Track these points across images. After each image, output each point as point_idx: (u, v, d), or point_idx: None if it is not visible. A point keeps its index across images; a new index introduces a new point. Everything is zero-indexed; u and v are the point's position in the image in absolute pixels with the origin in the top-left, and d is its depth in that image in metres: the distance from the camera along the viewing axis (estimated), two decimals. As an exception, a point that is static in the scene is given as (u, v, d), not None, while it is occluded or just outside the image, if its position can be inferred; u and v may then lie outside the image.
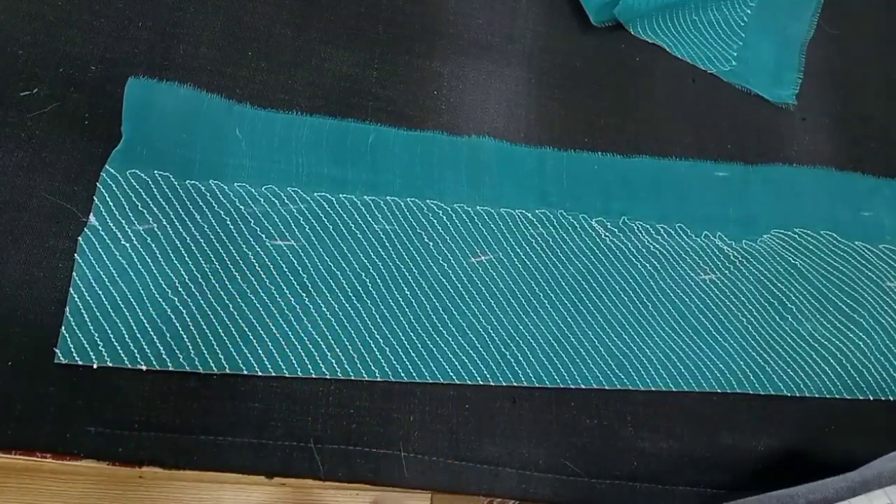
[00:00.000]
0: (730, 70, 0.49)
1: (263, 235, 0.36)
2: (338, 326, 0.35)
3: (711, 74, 0.49)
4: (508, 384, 0.36)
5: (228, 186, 0.37)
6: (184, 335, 0.32)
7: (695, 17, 0.50)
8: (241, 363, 0.33)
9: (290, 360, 0.33)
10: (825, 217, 0.46)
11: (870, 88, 0.53)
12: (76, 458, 0.30)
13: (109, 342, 0.31)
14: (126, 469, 0.31)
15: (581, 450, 0.36)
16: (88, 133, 0.36)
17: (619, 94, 0.47)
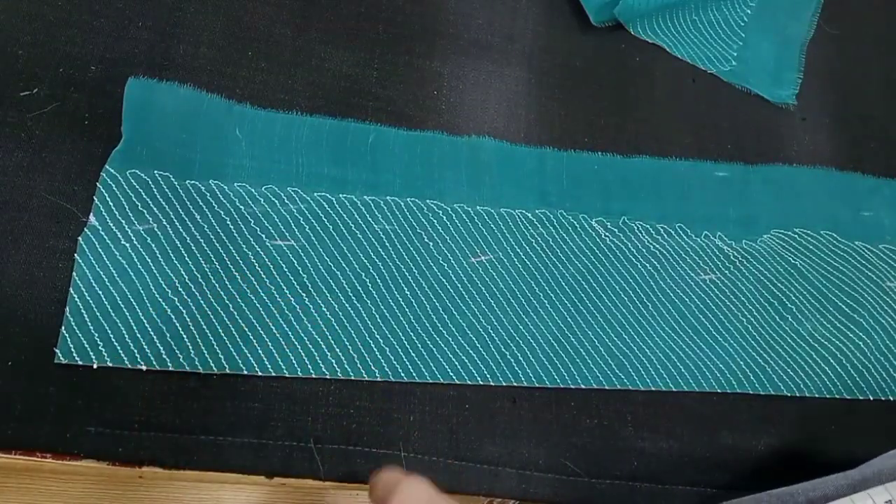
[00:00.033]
0: (730, 70, 0.49)
1: (263, 235, 0.36)
2: (338, 326, 0.35)
3: (711, 74, 0.49)
4: (508, 384, 0.36)
5: (228, 186, 0.37)
6: (184, 335, 0.32)
7: (695, 17, 0.50)
8: (241, 363, 0.33)
9: (290, 360, 0.33)
10: (825, 217, 0.46)
11: (870, 88, 0.53)
12: (76, 458, 0.30)
13: (109, 342, 0.31)
14: (126, 469, 0.31)
15: (581, 450, 0.36)
16: (88, 133, 0.36)
17: (619, 94, 0.47)
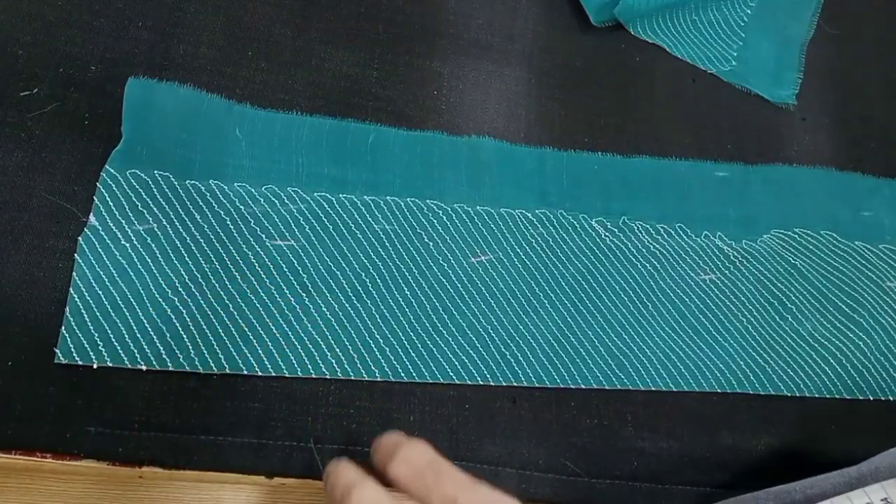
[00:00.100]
0: (730, 70, 0.49)
1: (263, 235, 0.36)
2: (338, 326, 0.35)
3: (711, 74, 0.49)
4: (508, 384, 0.36)
5: (228, 186, 0.37)
6: (184, 335, 0.32)
7: (695, 17, 0.50)
8: (241, 363, 0.33)
9: (290, 360, 0.33)
10: (825, 217, 0.46)
11: (870, 88, 0.53)
12: (76, 458, 0.30)
13: (109, 342, 0.31)
14: (126, 469, 0.31)
15: (581, 450, 0.36)
16: (88, 133, 0.36)
17: (619, 94, 0.47)
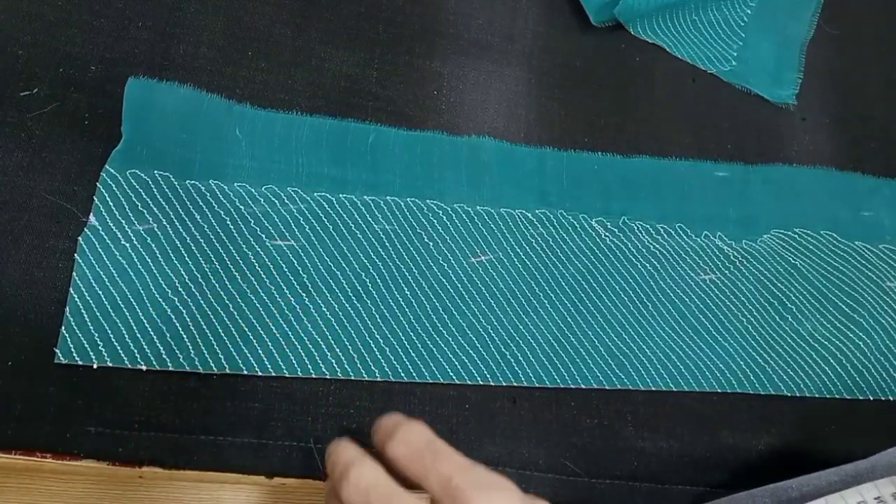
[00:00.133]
0: (730, 70, 0.49)
1: (263, 235, 0.36)
2: (338, 326, 0.35)
3: (711, 74, 0.49)
4: (508, 384, 0.36)
5: (228, 186, 0.37)
6: (184, 335, 0.32)
7: (695, 17, 0.50)
8: (241, 363, 0.33)
9: (290, 360, 0.33)
10: (825, 217, 0.46)
11: (870, 88, 0.53)
12: (76, 458, 0.30)
13: (109, 342, 0.31)
14: (126, 469, 0.31)
15: (581, 450, 0.36)
16: (88, 133, 0.36)
17: (619, 94, 0.47)
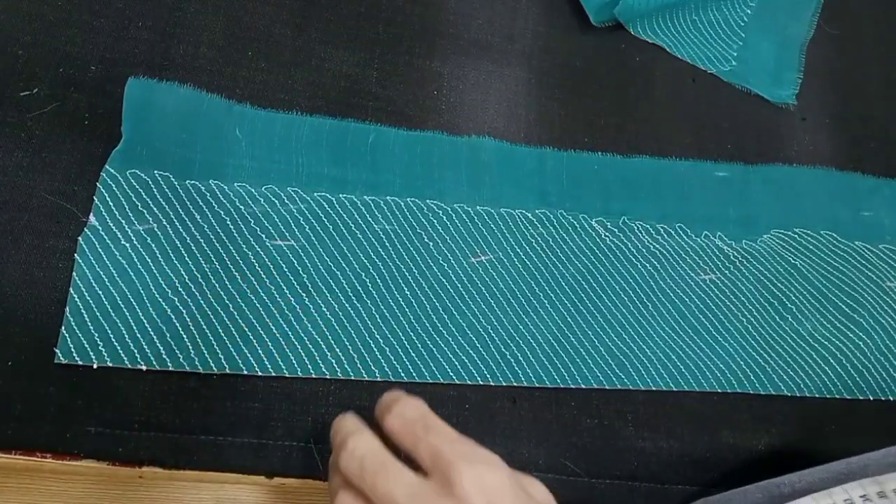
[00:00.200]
0: (730, 70, 0.49)
1: (263, 235, 0.36)
2: (338, 326, 0.35)
3: (711, 74, 0.49)
4: (508, 384, 0.36)
5: (228, 186, 0.37)
6: (184, 335, 0.32)
7: (695, 17, 0.50)
8: (241, 363, 0.33)
9: (290, 360, 0.33)
10: (825, 217, 0.46)
11: (870, 88, 0.53)
12: (76, 458, 0.30)
13: (109, 342, 0.31)
14: (126, 469, 0.31)
15: (581, 450, 0.36)
16: (88, 133, 0.36)
17: (619, 94, 0.47)
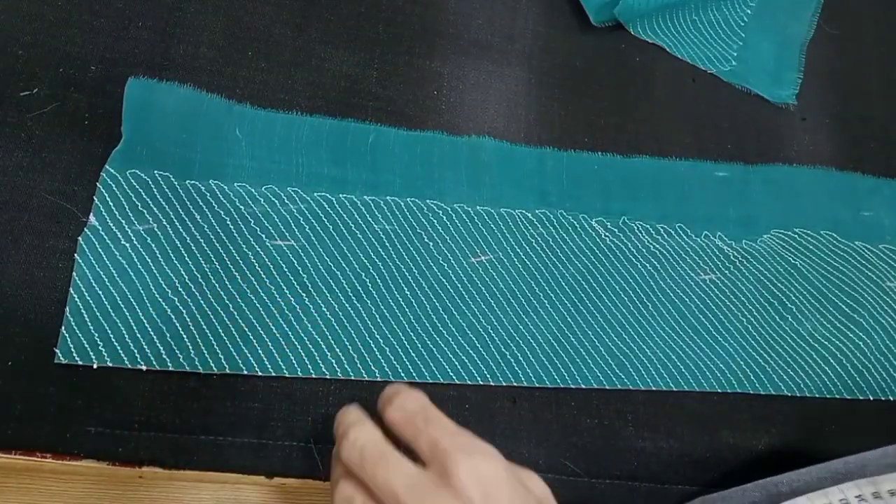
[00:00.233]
0: (730, 70, 0.49)
1: (263, 235, 0.36)
2: (338, 326, 0.35)
3: (711, 74, 0.49)
4: (508, 384, 0.36)
5: (228, 186, 0.37)
6: (184, 335, 0.32)
7: (695, 17, 0.50)
8: (241, 363, 0.33)
9: (290, 360, 0.33)
10: (825, 217, 0.46)
11: (870, 88, 0.53)
12: (76, 458, 0.30)
13: (109, 342, 0.31)
14: (126, 469, 0.31)
15: (581, 450, 0.36)
16: (88, 133, 0.36)
17: (619, 94, 0.47)
